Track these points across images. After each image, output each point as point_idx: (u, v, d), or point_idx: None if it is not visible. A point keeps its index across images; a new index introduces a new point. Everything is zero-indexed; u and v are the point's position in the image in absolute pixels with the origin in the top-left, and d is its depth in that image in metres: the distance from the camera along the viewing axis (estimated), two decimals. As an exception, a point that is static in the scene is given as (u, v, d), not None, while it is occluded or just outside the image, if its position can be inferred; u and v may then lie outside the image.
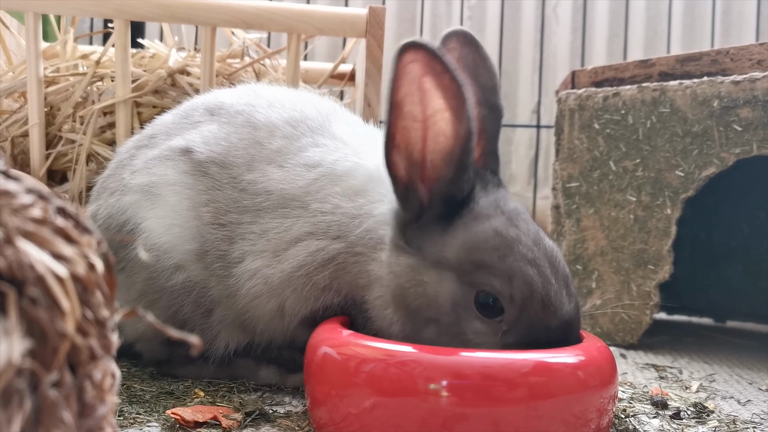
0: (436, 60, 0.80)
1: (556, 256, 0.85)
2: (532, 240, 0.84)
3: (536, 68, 2.93)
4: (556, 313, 0.81)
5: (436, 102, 0.82)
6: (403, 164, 0.87)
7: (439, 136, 0.84)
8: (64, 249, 0.42)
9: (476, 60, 0.96)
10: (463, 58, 0.96)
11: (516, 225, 0.85)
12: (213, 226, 1.02)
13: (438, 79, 0.81)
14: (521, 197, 2.90)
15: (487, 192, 0.90)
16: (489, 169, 0.94)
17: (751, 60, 1.43)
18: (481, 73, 0.96)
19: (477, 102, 0.94)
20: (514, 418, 0.72)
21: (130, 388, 1.02)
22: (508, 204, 0.89)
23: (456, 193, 0.86)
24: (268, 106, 1.09)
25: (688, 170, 1.46)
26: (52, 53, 1.66)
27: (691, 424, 0.97)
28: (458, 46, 0.96)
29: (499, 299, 0.82)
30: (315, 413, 0.83)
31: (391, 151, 0.85)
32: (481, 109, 0.95)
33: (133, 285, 1.05)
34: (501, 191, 0.92)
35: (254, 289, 0.99)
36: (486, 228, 0.85)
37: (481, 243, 0.84)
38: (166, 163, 1.06)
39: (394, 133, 0.84)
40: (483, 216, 0.86)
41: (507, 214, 0.86)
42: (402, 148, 0.85)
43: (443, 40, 0.96)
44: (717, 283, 1.90)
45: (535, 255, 0.83)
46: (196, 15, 1.47)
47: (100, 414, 0.43)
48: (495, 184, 0.92)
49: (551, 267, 0.83)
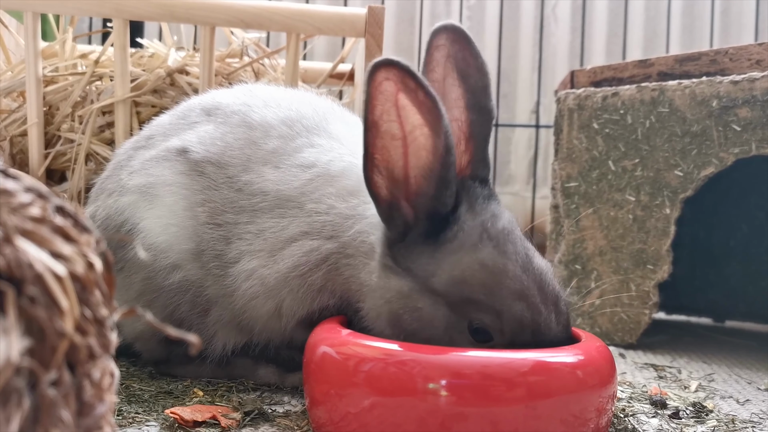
0: (409, 77, 0.79)
1: (545, 279, 0.84)
2: (521, 266, 0.82)
3: (535, 68, 2.93)
4: (545, 338, 0.81)
5: (414, 118, 0.81)
6: (384, 183, 0.85)
7: (421, 151, 0.83)
8: (63, 248, 0.42)
9: (466, 58, 0.92)
10: (452, 56, 0.92)
11: (504, 252, 0.83)
12: (209, 226, 1.02)
13: (413, 96, 0.80)
14: (520, 197, 2.90)
15: (473, 210, 0.87)
16: (478, 179, 0.91)
17: (750, 60, 1.43)
18: (471, 72, 0.92)
19: (466, 105, 0.92)
20: (513, 417, 0.72)
21: (129, 388, 1.02)
22: (497, 224, 0.86)
23: (440, 208, 0.85)
24: (264, 106, 1.09)
25: (687, 170, 1.46)
26: (50, 53, 1.66)
27: (690, 423, 0.97)
28: (447, 42, 0.92)
29: (489, 330, 0.81)
30: (314, 413, 0.83)
31: (371, 171, 0.84)
32: (469, 114, 0.92)
33: (132, 285, 1.05)
34: (490, 206, 0.88)
35: (251, 290, 0.99)
36: (472, 261, 0.83)
37: (467, 278, 0.82)
38: (162, 163, 1.06)
39: (373, 153, 0.83)
40: (468, 245, 0.84)
41: (494, 240, 0.84)
42: (382, 168, 0.84)
43: (433, 35, 0.93)
44: (716, 282, 1.90)
45: (523, 285, 0.81)
46: (195, 14, 1.47)
47: (98, 413, 0.43)
48: (484, 197, 0.89)
49: (540, 293, 0.82)
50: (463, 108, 0.91)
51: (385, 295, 0.87)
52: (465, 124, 0.91)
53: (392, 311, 0.86)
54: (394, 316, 0.86)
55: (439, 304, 0.83)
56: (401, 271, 0.86)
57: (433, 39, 0.93)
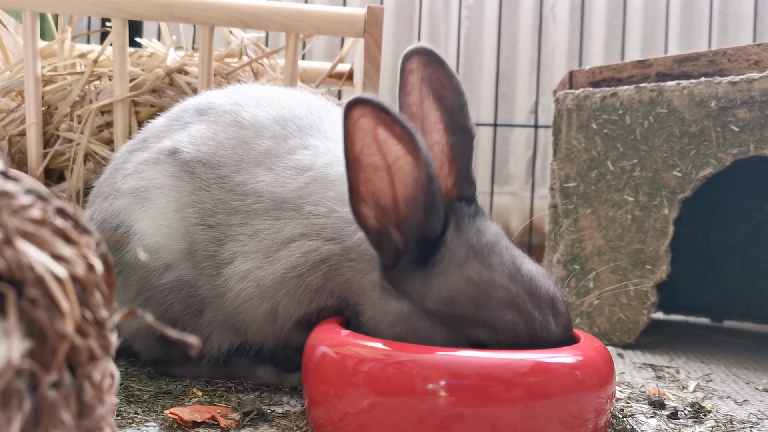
0: (383, 112, 0.79)
1: (536, 283, 0.83)
2: (508, 276, 0.83)
3: (534, 68, 2.93)
4: (545, 342, 0.81)
5: (396, 148, 0.81)
6: (372, 214, 0.85)
7: (407, 178, 0.83)
8: (64, 250, 0.42)
9: (440, 80, 0.91)
10: (425, 78, 0.91)
11: (489, 265, 0.83)
12: (200, 227, 1.02)
13: (390, 129, 0.80)
14: (518, 197, 2.90)
15: (460, 230, 0.87)
16: (464, 198, 0.91)
17: (749, 61, 1.44)
18: (447, 94, 0.91)
19: (444, 128, 0.91)
20: (511, 418, 0.72)
21: (128, 388, 1.02)
22: (482, 239, 0.86)
23: (429, 234, 0.85)
24: (256, 105, 1.09)
25: (686, 170, 1.46)
26: (49, 52, 1.66)
27: (689, 423, 0.97)
28: (420, 66, 0.91)
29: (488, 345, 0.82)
30: (313, 413, 0.84)
31: (357, 204, 0.84)
32: (449, 136, 0.91)
33: (129, 286, 1.05)
34: (476, 223, 0.88)
35: (245, 292, 0.99)
36: (458, 278, 0.83)
37: (455, 296, 0.83)
38: (153, 167, 1.06)
39: (357, 187, 0.83)
40: (455, 264, 0.84)
41: (479, 255, 0.84)
42: (368, 199, 0.84)
43: (404, 59, 0.91)
44: (714, 283, 1.90)
45: (512, 294, 0.81)
46: (195, 14, 1.47)
47: (99, 414, 0.43)
48: (470, 215, 0.89)
49: (532, 299, 0.82)
50: (443, 131, 0.91)
51: (386, 318, 0.88)
52: (446, 146, 0.91)
53: (396, 335, 0.86)
54: (398, 336, 0.86)
55: (437, 324, 0.83)
56: (398, 293, 0.87)
57: (406, 63, 0.91)
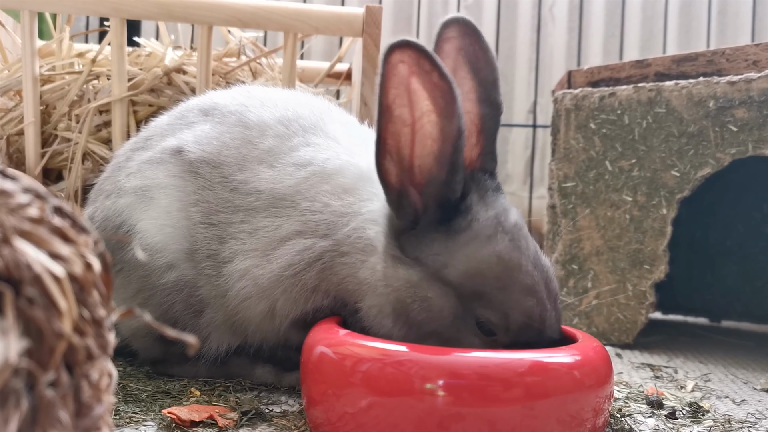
0: (425, 58, 0.78)
1: (550, 276, 0.85)
2: (532, 262, 0.84)
3: (532, 68, 2.93)
4: (547, 334, 0.83)
5: (423, 104, 0.81)
6: (394, 170, 0.85)
7: (427, 140, 0.83)
8: (61, 248, 0.42)
9: (476, 52, 0.91)
10: (462, 48, 0.91)
11: (518, 247, 0.84)
12: (203, 226, 1.03)
13: (426, 78, 0.79)
14: (517, 197, 2.90)
15: (485, 202, 0.87)
16: (487, 172, 0.92)
17: (747, 60, 1.44)
18: (482, 66, 0.92)
19: (477, 99, 0.91)
20: (510, 417, 0.72)
21: (126, 388, 1.02)
22: (509, 218, 0.87)
23: (450, 195, 0.85)
24: (261, 106, 1.09)
25: (684, 170, 1.46)
26: (47, 51, 1.65)
27: (687, 423, 0.97)
28: (458, 35, 0.91)
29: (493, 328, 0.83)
30: (311, 412, 0.83)
31: (383, 157, 0.84)
32: (481, 107, 0.91)
33: (130, 284, 1.05)
34: (500, 199, 0.89)
35: (244, 291, 0.99)
36: (488, 253, 0.83)
37: (483, 270, 0.83)
38: (157, 166, 1.06)
39: (385, 138, 0.83)
40: (484, 236, 0.84)
41: (510, 234, 0.85)
42: (393, 153, 0.84)
43: (442, 27, 0.91)
44: (712, 282, 1.90)
45: (534, 280, 0.83)
46: (193, 13, 1.47)
47: (96, 414, 0.43)
48: (493, 189, 0.90)
49: (547, 289, 0.83)
50: (475, 101, 0.91)
51: (392, 284, 0.87)
52: (476, 117, 0.91)
53: (400, 300, 0.86)
54: (401, 305, 0.86)
55: (449, 295, 0.84)
56: (409, 260, 0.87)
57: (443, 31, 0.91)
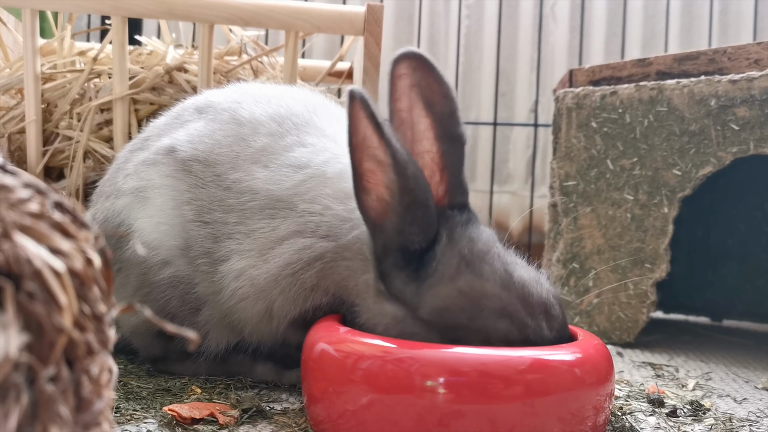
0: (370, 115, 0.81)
1: (528, 290, 0.83)
2: (500, 284, 0.82)
3: (534, 67, 2.92)
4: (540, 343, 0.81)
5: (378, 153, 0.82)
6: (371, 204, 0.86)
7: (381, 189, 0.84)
8: (62, 244, 0.42)
9: (431, 85, 0.89)
10: (415, 84, 0.89)
11: (480, 275, 0.83)
12: (196, 224, 1.03)
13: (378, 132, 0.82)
14: (518, 196, 2.90)
15: (453, 240, 0.86)
16: (457, 206, 0.90)
17: (749, 59, 1.44)
18: (437, 100, 0.89)
19: (435, 136, 0.89)
20: (510, 415, 0.72)
21: (127, 385, 1.02)
22: (474, 248, 0.86)
23: (408, 245, 0.85)
24: (253, 102, 1.09)
25: (686, 169, 1.46)
26: (49, 50, 1.65)
27: (688, 422, 0.97)
28: (410, 71, 0.88)
29: None
30: (312, 410, 0.84)
31: (360, 190, 0.85)
32: (440, 144, 0.89)
33: (128, 282, 1.06)
34: (468, 231, 0.88)
35: (240, 291, 0.99)
36: (450, 290, 0.83)
37: (448, 306, 0.83)
38: (151, 167, 1.07)
39: (361, 174, 0.85)
40: (447, 276, 0.84)
41: (471, 265, 0.84)
42: (367, 190, 0.85)
43: (393, 64, 0.89)
44: (714, 281, 1.90)
45: (504, 303, 0.81)
46: (194, 12, 1.47)
47: (97, 409, 0.43)
48: (463, 223, 0.88)
49: (524, 306, 0.82)
50: (433, 139, 0.89)
51: (382, 321, 0.88)
52: (437, 155, 0.89)
53: (390, 334, 0.86)
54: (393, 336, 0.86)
55: (432, 331, 0.83)
56: (391, 297, 0.87)
57: (395, 68, 0.89)
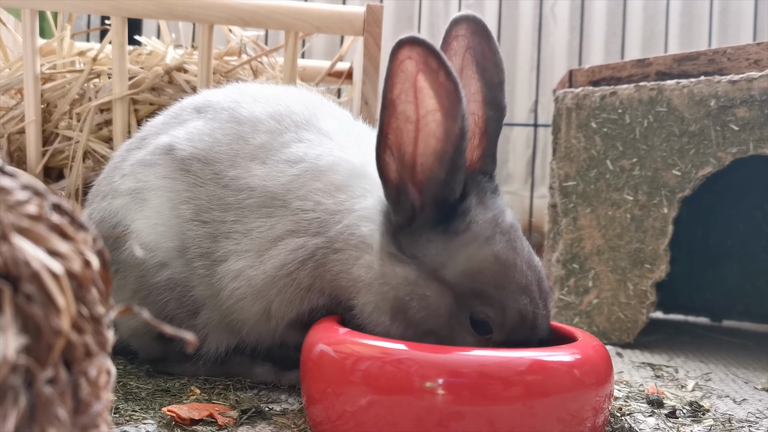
0: (432, 56, 0.78)
1: (542, 276, 0.87)
2: (527, 262, 0.85)
3: (534, 67, 2.93)
4: (537, 332, 0.84)
5: (429, 102, 0.81)
6: (394, 166, 0.85)
7: (430, 138, 0.82)
8: (60, 245, 0.42)
9: (485, 52, 0.91)
10: (471, 47, 0.91)
11: (514, 247, 0.85)
12: (194, 223, 1.02)
13: (433, 77, 0.79)
14: (518, 196, 2.90)
15: (484, 204, 0.88)
16: (486, 174, 0.92)
17: (748, 60, 1.44)
18: (489, 67, 0.91)
19: (483, 100, 0.91)
20: (509, 416, 0.72)
21: (126, 386, 1.02)
22: (506, 220, 0.87)
23: (449, 195, 0.85)
24: (253, 102, 1.09)
25: (685, 169, 1.46)
26: (48, 50, 1.65)
27: (687, 422, 0.97)
28: (467, 33, 0.91)
29: (491, 324, 0.83)
30: (311, 411, 0.83)
31: (383, 151, 0.84)
32: (486, 109, 0.91)
33: (126, 285, 1.05)
34: (497, 201, 0.90)
35: (238, 292, 0.99)
36: (487, 253, 0.84)
37: (482, 269, 0.83)
38: (149, 168, 1.06)
39: (387, 133, 0.83)
40: (483, 238, 0.85)
41: (507, 235, 0.86)
42: (394, 149, 0.84)
43: (452, 24, 0.91)
44: (713, 282, 1.90)
45: (528, 280, 0.84)
46: (194, 12, 1.47)
47: (95, 411, 0.43)
48: (491, 190, 0.90)
49: (539, 289, 0.85)
50: (480, 102, 0.91)
51: (390, 282, 0.87)
52: (481, 119, 0.91)
53: (398, 298, 0.86)
54: (399, 303, 0.86)
55: (445, 294, 0.84)
56: (406, 258, 0.87)
57: (452, 28, 0.91)
